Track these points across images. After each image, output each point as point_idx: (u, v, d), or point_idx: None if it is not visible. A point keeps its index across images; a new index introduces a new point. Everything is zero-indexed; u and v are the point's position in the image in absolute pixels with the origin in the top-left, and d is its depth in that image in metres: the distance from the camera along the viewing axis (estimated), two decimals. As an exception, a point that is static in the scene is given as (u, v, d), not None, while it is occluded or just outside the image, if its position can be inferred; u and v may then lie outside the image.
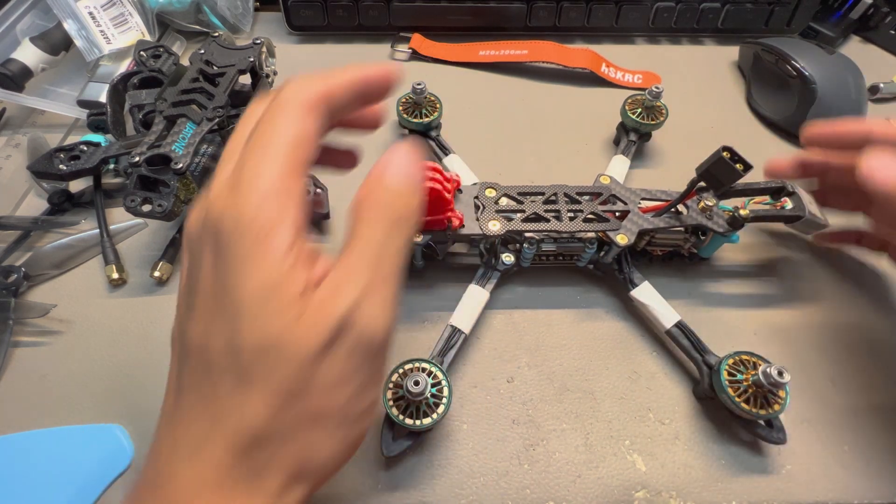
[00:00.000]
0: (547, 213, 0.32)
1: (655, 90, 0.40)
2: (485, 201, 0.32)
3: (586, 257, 0.33)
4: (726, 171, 0.28)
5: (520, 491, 0.28)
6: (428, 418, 0.26)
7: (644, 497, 0.28)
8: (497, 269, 0.34)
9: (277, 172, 0.18)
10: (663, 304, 0.32)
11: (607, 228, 0.31)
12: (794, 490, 0.28)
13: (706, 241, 0.34)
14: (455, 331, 0.31)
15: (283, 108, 0.19)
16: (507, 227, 0.31)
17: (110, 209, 0.38)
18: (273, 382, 0.17)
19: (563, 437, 0.30)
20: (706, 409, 0.31)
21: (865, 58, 0.49)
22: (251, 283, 0.17)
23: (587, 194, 0.33)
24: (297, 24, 0.52)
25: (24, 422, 0.29)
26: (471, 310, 0.32)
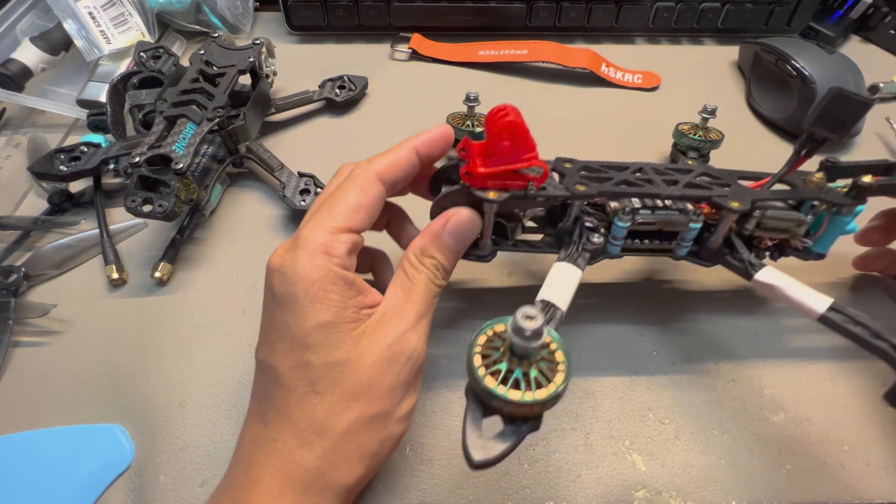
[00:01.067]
0: (639, 181, 0.27)
1: (709, 108, 0.39)
2: (564, 171, 0.27)
3: (689, 237, 0.28)
4: (849, 107, 0.24)
5: (520, 491, 0.28)
6: (543, 390, 0.18)
7: (644, 497, 0.28)
8: (585, 247, 0.27)
9: (329, 233, 0.23)
10: (802, 285, 0.26)
11: (715, 194, 0.26)
12: (794, 490, 0.28)
13: (821, 232, 0.29)
14: (547, 305, 0.23)
15: (350, 178, 0.25)
16: (600, 189, 0.26)
17: (110, 209, 0.38)
18: (338, 391, 0.22)
19: (563, 436, 0.30)
20: (706, 409, 0.31)
21: (865, 57, 0.49)
22: (309, 323, 0.22)
23: (676, 171, 0.28)
24: (297, 24, 0.52)
25: (24, 422, 0.29)
26: (564, 284, 0.24)
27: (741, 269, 0.27)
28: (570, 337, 0.33)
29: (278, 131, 0.44)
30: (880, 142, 0.45)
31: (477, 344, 0.20)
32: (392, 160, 0.25)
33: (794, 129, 0.44)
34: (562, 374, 0.19)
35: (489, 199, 0.24)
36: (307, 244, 0.23)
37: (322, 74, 0.46)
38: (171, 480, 0.28)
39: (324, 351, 0.22)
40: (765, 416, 0.30)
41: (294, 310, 0.22)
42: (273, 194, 0.40)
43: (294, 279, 0.22)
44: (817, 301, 0.25)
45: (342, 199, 0.24)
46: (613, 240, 0.28)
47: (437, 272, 0.25)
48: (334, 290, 0.22)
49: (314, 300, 0.22)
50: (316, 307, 0.22)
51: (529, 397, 0.18)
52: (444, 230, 0.25)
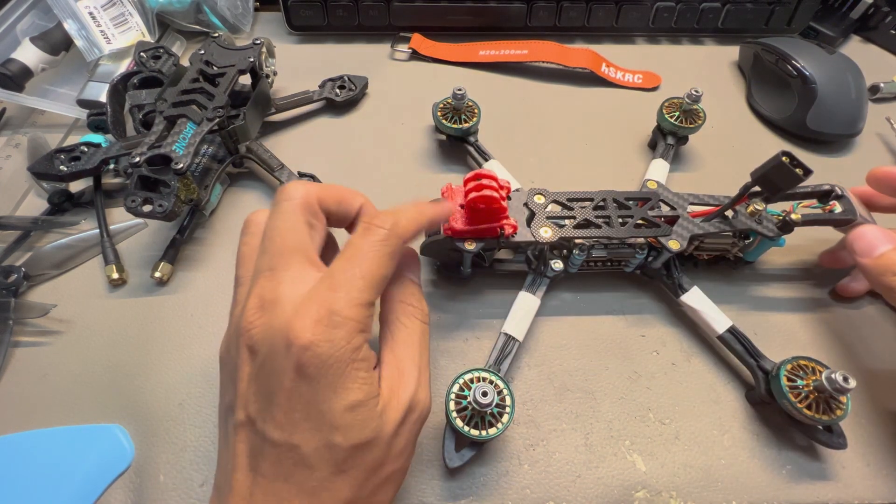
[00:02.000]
0: (598, 220, 0.32)
1: (695, 93, 0.39)
2: (535, 208, 0.32)
3: (635, 263, 0.33)
4: (786, 176, 0.28)
5: (520, 491, 0.28)
6: (493, 428, 0.26)
7: (644, 497, 0.28)
8: (546, 275, 0.33)
9: (366, 309, 0.22)
10: (714, 308, 0.32)
11: (659, 234, 0.31)
12: (793, 490, 0.28)
13: (753, 245, 0.34)
14: (509, 339, 0.31)
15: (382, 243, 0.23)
16: (560, 234, 0.31)
17: (110, 209, 0.38)
18: (363, 467, 0.21)
19: (563, 437, 0.30)
20: (706, 409, 0.31)
21: (866, 57, 0.49)
22: (341, 404, 0.21)
23: (635, 199, 0.33)
24: (297, 24, 0.52)
25: (24, 422, 0.30)
26: (523, 317, 0.32)
27: (671, 288, 0.34)
28: (569, 337, 0.33)
29: (278, 131, 0.44)
30: (880, 142, 0.45)
31: (452, 392, 0.27)
32: (418, 226, 0.25)
33: (795, 129, 0.44)
34: (507, 416, 0.27)
35: (467, 249, 0.30)
36: (347, 323, 0.21)
37: (322, 74, 0.46)
38: (171, 480, 0.28)
39: (352, 433, 0.21)
40: (765, 417, 0.30)
41: (325, 390, 0.20)
42: (273, 194, 0.40)
43: (331, 361, 0.20)
44: (720, 323, 0.31)
45: (376, 270, 0.22)
46: (572, 265, 0.33)
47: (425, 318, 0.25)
48: (363, 367, 0.21)
49: (347, 380, 0.21)
50: (347, 387, 0.21)
51: (484, 433, 0.26)
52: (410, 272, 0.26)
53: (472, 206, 0.29)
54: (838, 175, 0.42)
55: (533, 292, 0.33)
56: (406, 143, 0.43)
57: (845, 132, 0.44)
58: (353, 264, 0.22)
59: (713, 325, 0.31)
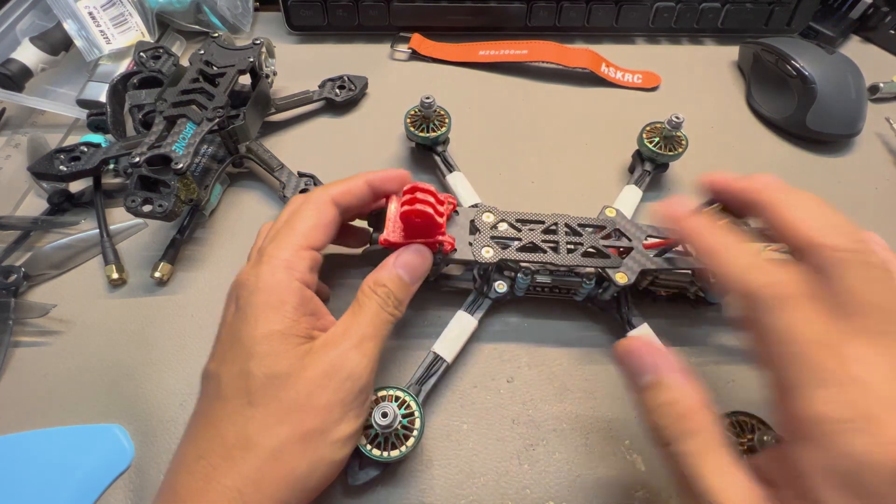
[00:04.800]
0: (544, 244, 0.30)
1: (676, 120, 0.37)
2: (481, 226, 0.31)
3: (584, 293, 0.32)
4: None
5: (520, 491, 0.28)
6: (396, 450, 0.25)
7: (644, 497, 0.28)
8: (489, 296, 0.32)
9: (291, 250, 0.25)
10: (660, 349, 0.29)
11: (606, 265, 0.30)
12: (793, 490, 0.28)
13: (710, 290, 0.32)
14: (437, 358, 0.30)
15: (307, 202, 0.27)
16: (501, 256, 0.29)
17: (110, 209, 0.38)
18: (273, 405, 0.22)
19: (563, 437, 0.30)
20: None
21: (865, 57, 0.49)
22: (260, 331, 0.23)
23: (590, 226, 0.31)
24: (297, 23, 0.52)
25: (24, 422, 0.30)
26: (456, 337, 0.31)
27: (620, 323, 0.32)
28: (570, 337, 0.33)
29: (278, 131, 0.44)
30: (880, 142, 0.45)
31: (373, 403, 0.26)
32: (347, 188, 0.28)
33: (794, 129, 0.44)
34: (412, 440, 0.26)
35: None
36: (271, 259, 0.24)
37: (322, 74, 0.46)
38: (171, 480, 0.28)
39: (267, 361, 0.22)
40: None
41: (249, 318, 0.23)
42: (273, 194, 0.40)
43: (256, 291, 0.24)
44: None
45: (301, 220, 0.26)
46: (518, 289, 0.32)
47: (388, 300, 0.26)
48: (290, 302, 0.24)
49: (269, 308, 0.23)
50: (269, 315, 0.23)
51: (385, 455, 0.25)
52: (397, 262, 0.27)
53: (405, 219, 0.28)
54: (838, 175, 0.42)
55: (471, 312, 0.32)
56: (406, 143, 0.43)
57: (845, 132, 0.44)
58: (288, 220, 0.27)
59: None
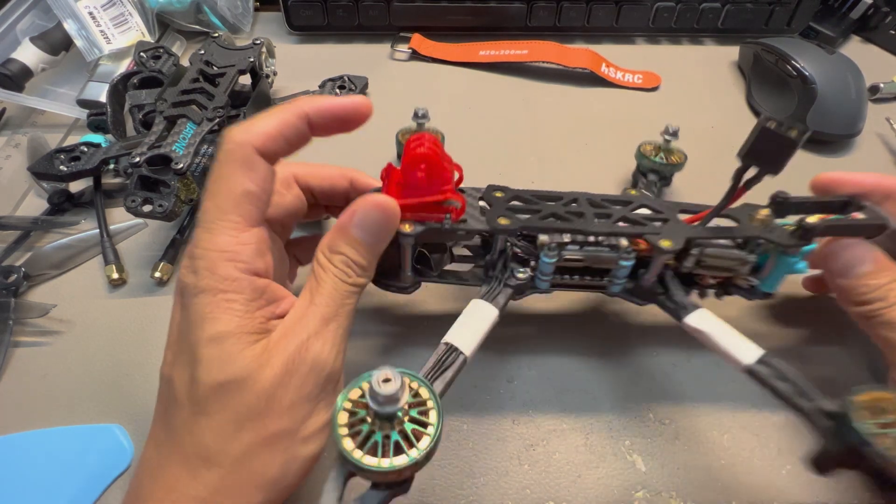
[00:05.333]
0: (568, 215, 0.26)
1: (671, 129, 0.35)
2: (493, 201, 0.26)
3: (621, 274, 0.26)
4: (778, 144, 0.22)
5: (520, 491, 0.28)
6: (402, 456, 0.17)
7: (644, 497, 0.28)
8: (508, 283, 0.26)
9: (227, 236, 0.20)
10: (732, 332, 0.24)
11: (646, 231, 0.25)
12: (794, 490, 0.28)
13: (768, 269, 0.27)
14: (450, 349, 0.23)
15: (224, 166, 0.21)
16: (521, 224, 0.25)
17: (110, 209, 0.38)
18: (228, 412, 0.19)
19: (563, 437, 0.30)
20: (706, 409, 0.31)
21: (865, 58, 0.49)
22: (206, 334, 0.19)
23: (614, 202, 0.27)
24: (297, 23, 0.52)
25: (24, 422, 0.29)
26: (473, 327, 0.24)
27: (672, 311, 0.27)
28: (570, 337, 0.33)
29: (278, 131, 0.44)
30: (880, 142, 0.45)
31: (347, 398, 0.18)
32: (274, 128, 0.21)
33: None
34: (427, 439, 0.18)
35: (404, 232, 0.23)
36: (206, 253, 0.20)
37: (322, 74, 0.46)
38: (171, 480, 0.28)
39: (214, 367, 0.19)
40: (765, 417, 0.30)
41: (194, 321, 0.20)
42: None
43: (195, 290, 0.20)
44: (745, 352, 0.23)
45: (226, 191, 0.20)
46: (541, 275, 0.26)
47: (349, 269, 0.22)
48: (238, 300, 0.20)
49: (214, 309, 0.20)
50: (216, 316, 0.20)
51: (386, 464, 0.17)
52: (352, 222, 0.22)
53: (409, 170, 0.23)
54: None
55: (492, 299, 0.25)
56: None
57: (845, 132, 0.44)
58: (208, 192, 0.21)
59: (735, 355, 0.23)
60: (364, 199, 0.22)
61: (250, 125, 0.21)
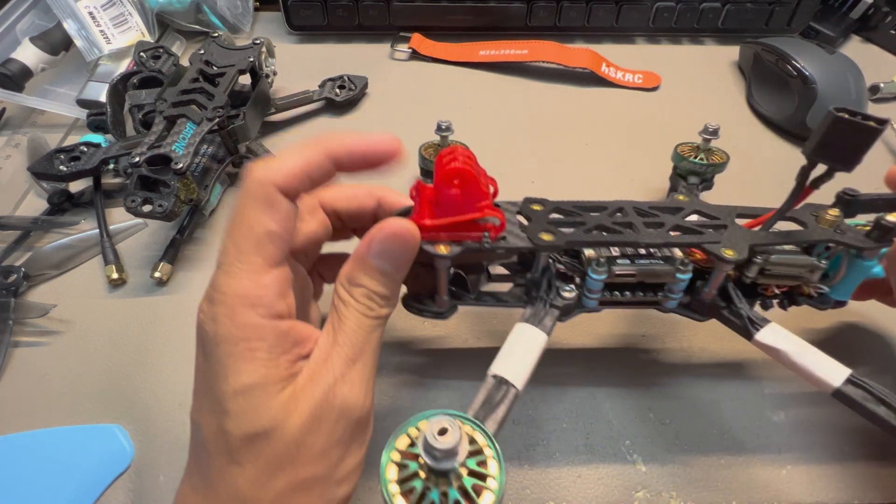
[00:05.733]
0: (616, 226, 0.24)
1: (711, 128, 0.33)
2: (532, 215, 0.24)
3: (678, 288, 0.24)
4: (852, 134, 0.21)
5: (520, 491, 0.28)
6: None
7: (644, 497, 0.28)
8: (553, 303, 0.24)
9: (248, 279, 0.19)
10: (812, 349, 0.22)
11: (705, 241, 0.23)
12: (794, 490, 0.28)
13: (838, 277, 0.25)
14: (500, 382, 0.21)
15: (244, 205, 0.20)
16: (567, 238, 0.23)
17: (110, 209, 0.38)
18: (261, 461, 0.19)
19: (563, 437, 0.30)
20: (705, 409, 0.31)
21: (866, 57, 0.49)
22: (231, 387, 0.19)
23: (663, 210, 0.25)
24: (297, 23, 0.52)
25: (23, 422, 0.29)
26: (522, 355, 0.22)
27: (739, 327, 0.24)
28: (570, 337, 0.33)
29: (278, 131, 0.44)
30: (881, 142, 0.45)
31: (394, 448, 0.17)
32: (299, 168, 0.20)
33: (795, 129, 0.44)
34: (490, 495, 0.15)
35: (439, 254, 0.21)
36: (225, 299, 0.19)
37: (322, 74, 0.46)
38: (170, 480, 0.28)
39: (244, 420, 0.19)
40: (766, 417, 0.30)
41: (217, 372, 0.19)
42: (273, 194, 0.40)
43: (217, 341, 0.19)
44: (831, 371, 0.21)
45: (247, 228, 0.20)
46: (589, 293, 0.24)
47: (371, 302, 0.21)
48: (262, 347, 0.19)
49: (238, 360, 0.19)
50: (239, 367, 0.19)
51: None
52: (370, 251, 0.21)
53: (442, 186, 0.22)
54: (838, 175, 0.42)
55: (539, 322, 0.23)
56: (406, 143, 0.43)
57: (845, 132, 0.44)
58: (228, 232, 0.20)
59: (821, 376, 0.21)
60: (381, 227, 0.21)
61: (273, 163, 0.20)
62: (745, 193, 0.29)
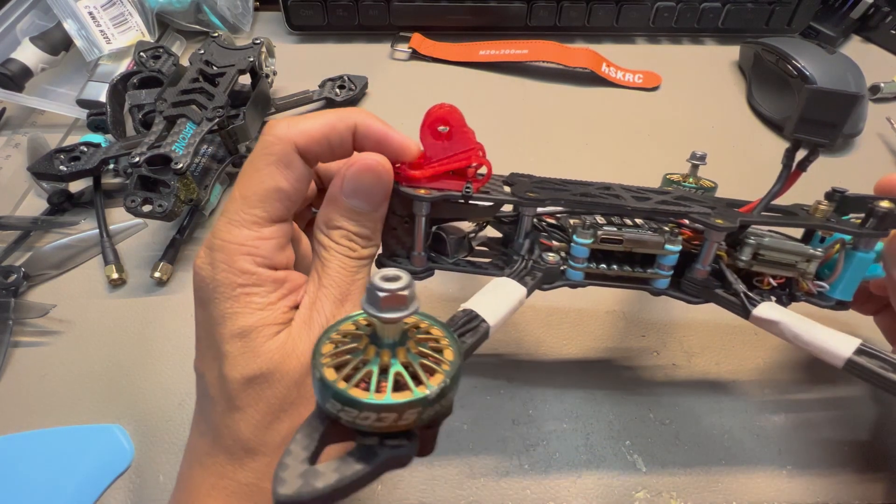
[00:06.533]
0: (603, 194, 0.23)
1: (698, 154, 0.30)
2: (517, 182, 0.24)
3: (668, 262, 0.23)
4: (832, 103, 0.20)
5: (520, 491, 0.28)
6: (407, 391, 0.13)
7: (644, 497, 0.28)
8: (536, 264, 0.23)
9: (248, 230, 0.20)
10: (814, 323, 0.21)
11: (694, 211, 0.22)
12: (794, 490, 0.28)
13: (836, 272, 0.24)
14: (470, 316, 0.19)
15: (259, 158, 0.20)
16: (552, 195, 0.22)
17: (110, 209, 0.38)
18: (262, 405, 0.19)
19: (563, 437, 0.30)
20: (705, 409, 0.31)
21: (866, 57, 0.49)
22: (228, 331, 0.19)
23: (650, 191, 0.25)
24: (297, 23, 0.52)
25: (24, 422, 0.29)
26: (498, 298, 0.20)
27: (736, 305, 0.23)
28: (570, 337, 0.33)
29: (278, 131, 0.44)
30: (881, 141, 0.45)
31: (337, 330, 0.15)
32: (319, 131, 0.20)
33: (795, 128, 0.44)
34: (441, 377, 0.13)
35: (418, 196, 0.21)
36: (225, 246, 0.19)
37: (322, 74, 0.46)
38: (170, 480, 0.28)
39: (242, 363, 0.19)
40: (766, 418, 0.30)
41: (215, 317, 0.20)
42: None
43: (214, 284, 0.19)
44: (840, 341, 0.20)
45: (257, 182, 0.20)
46: (574, 262, 0.23)
47: (351, 244, 0.21)
48: (258, 293, 0.19)
49: (235, 304, 0.19)
50: (236, 312, 0.19)
51: (382, 399, 0.12)
52: (342, 190, 0.20)
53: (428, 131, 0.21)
54: (839, 175, 0.42)
55: (519, 278, 0.22)
56: None
57: (846, 132, 0.44)
58: (238, 181, 0.20)
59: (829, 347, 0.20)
60: (350, 163, 0.21)
61: (295, 122, 0.20)
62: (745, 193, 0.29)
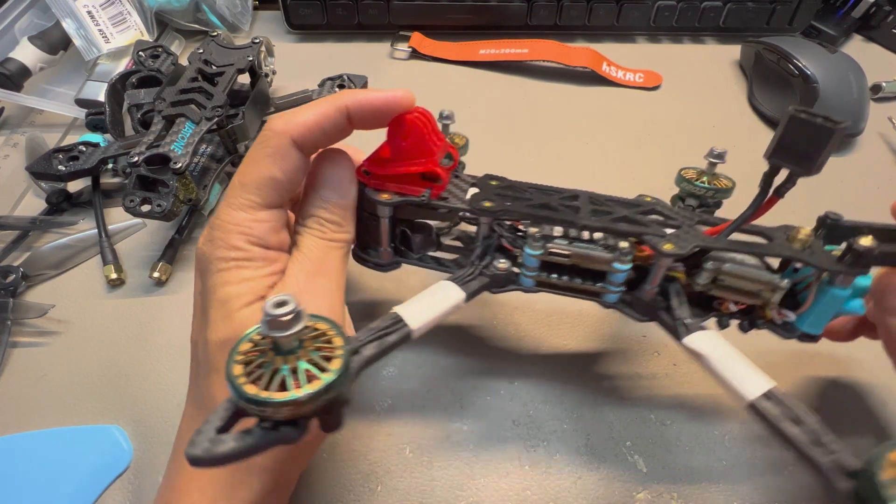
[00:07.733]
0: (562, 207, 0.24)
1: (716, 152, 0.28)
2: (483, 187, 0.25)
3: (617, 279, 0.23)
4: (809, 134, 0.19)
5: (520, 492, 0.28)
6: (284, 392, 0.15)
7: (645, 499, 0.28)
8: (484, 270, 0.24)
9: (245, 214, 0.22)
10: (740, 360, 0.20)
11: (646, 232, 0.22)
12: (795, 490, 0.28)
13: (806, 304, 0.23)
14: (396, 320, 0.20)
15: (257, 150, 0.22)
16: (504, 208, 0.23)
17: (109, 209, 0.38)
18: None
19: (564, 438, 0.29)
20: (706, 410, 0.31)
21: (867, 57, 0.49)
22: (216, 298, 0.21)
23: (620, 204, 0.25)
24: (297, 22, 0.51)
25: (23, 422, 0.29)
26: (429, 304, 0.22)
27: (672, 328, 0.23)
28: (571, 337, 0.33)
29: (278, 130, 0.44)
30: (882, 141, 0.45)
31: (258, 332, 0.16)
32: (313, 120, 0.22)
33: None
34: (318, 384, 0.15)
35: (379, 200, 0.23)
36: (223, 225, 0.22)
37: (321, 73, 0.46)
38: (169, 482, 0.28)
39: (219, 327, 0.21)
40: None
41: (209, 287, 0.22)
42: (272, 194, 0.40)
43: (211, 258, 0.22)
44: (750, 383, 0.19)
45: (254, 171, 0.22)
46: (525, 269, 0.24)
47: (322, 227, 0.23)
48: (248, 267, 0.22)
49: (226, 273, 0.21)
50: (226, 280, 0.21)
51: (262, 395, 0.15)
52: (312, 184, 0.24)
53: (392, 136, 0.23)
54: (840, 175, 0.42)
55: (462, 283, 0.23)
56: None
57: (847, 132, 0.43)
58: (239, 170, 0.23)
59: (737, 387, 0.20)
60: (319, 161, 0.24)
61: (292, 115, 0.22)
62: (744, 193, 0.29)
